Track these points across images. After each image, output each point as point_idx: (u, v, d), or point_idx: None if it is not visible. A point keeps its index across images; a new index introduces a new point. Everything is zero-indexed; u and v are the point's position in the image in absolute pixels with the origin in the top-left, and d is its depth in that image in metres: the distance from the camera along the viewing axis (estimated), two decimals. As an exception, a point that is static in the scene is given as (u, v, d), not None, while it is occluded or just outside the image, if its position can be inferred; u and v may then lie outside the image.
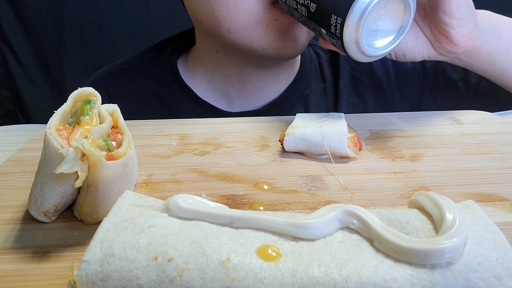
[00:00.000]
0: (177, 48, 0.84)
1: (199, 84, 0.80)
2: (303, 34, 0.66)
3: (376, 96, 0.82)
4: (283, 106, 0.78)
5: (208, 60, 0.77)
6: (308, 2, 0.52)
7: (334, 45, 0.52)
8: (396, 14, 0.50)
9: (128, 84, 0.82)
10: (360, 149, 0.51)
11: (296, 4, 0.54)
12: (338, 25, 0.48)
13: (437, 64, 0.81)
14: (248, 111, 0.78)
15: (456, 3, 0.52)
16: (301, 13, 0.54)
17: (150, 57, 0.84)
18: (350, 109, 0.81)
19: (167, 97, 0.80)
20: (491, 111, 0.66)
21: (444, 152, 0.51)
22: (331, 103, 0.81)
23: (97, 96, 0.41)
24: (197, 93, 0.79)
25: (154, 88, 0.81)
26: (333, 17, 0.49)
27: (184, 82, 0.80)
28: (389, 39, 0.52)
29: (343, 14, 0.47)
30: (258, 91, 0.78)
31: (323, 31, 0.52)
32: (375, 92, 0.82)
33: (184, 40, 0.84)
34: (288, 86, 0.80)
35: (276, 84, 0.78)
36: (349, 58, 0.54)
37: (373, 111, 0.77)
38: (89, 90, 0.41)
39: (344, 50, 0.50)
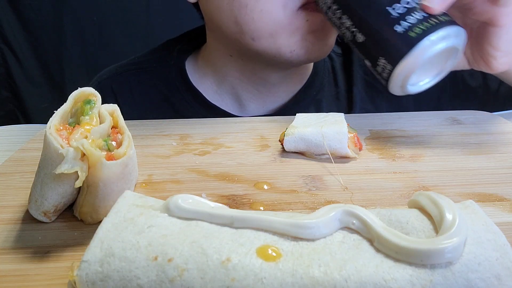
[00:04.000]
0: (186, 48, 0.82)
1: (209, 87, 0.78)
2: (333, 36, 0.65)
3: (390, 103, 0.80)
4: (295, 110, 0.74)
5: (220, 63, 0.76)
6: (355, 30, 0.49)
7: (375, 74, 0.51)
8: (444, 57, 0.48)
9: (136, 86, 0.81)
10: (360, 149, 0.51)
11: (340, 25, 0.51)
12: (386, 70, 0.47)
13: (455, 73, 0.80)
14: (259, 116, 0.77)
15: (505, 38, 0.50)
16: (342, 31, 0.51)
17: (158, 57, 0.82)
18: None
19: (176, 101, 0.78)
20: (491, 111, 0.66)
21: (444, 152, 0.51)
22: (344, 109, 0.79)
23: (97, 96, 0.41)
24: (206, 97, 0.77)
25: (162, 90, 0.79)
26: (382, 60, 0.47)
27: (193, 85, 0.78)
28: (433, 76, 0.50)
29: (394, 63, 0.46)
30: (271, 94, 0.76)
31: (367, 62, 0.50)
32: (389, 99, 0.80)
33: (192, 40, 0.83)
34: (300, 90, 0.78)
35: (288, 87, 0.77)
36: (363, 64, 0.53)
37: None
38: (89, 90, 0.41)
39: (386, 86, 0.49)
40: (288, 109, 0.77)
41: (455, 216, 0.28)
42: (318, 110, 0.78)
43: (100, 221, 0.30)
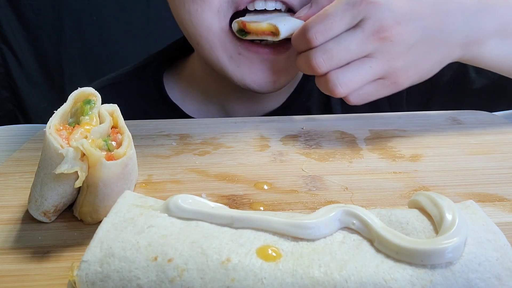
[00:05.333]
0: (165, 59, 0.81)
1: (194, 98, 0.77)
2: (281, 74, 0.64)
3: (390, 107, 0.79)
4: None
5: (203, 72, 0.75)
6: None
7: None
8: None
9: (114, 101, 0.79)
10: None
11: None
12: None
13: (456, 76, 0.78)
14: None
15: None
16: None
17: (137, 70, 0.81)
18: None
19: (154, 114, 0.75)
20: (491, 111, 0.66)
21: (444, 152, 0.51)
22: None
23: (97, 96, 0.41)
24: (185, 109, 0.76)
25: (140, 104, 0.78)
26: None
27: (169, 98, 0.76)
28: None
29: None
30: (258, 103, 0.75)
31: None
32: (391, 105, 0.79)
33: (178, 49, 0.81)
34: (289, 97, 0.76)
35: (274, 94, 0.74)
36: None
37: None
38: (89, 90, 0.41)
39: None
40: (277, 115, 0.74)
41: (455, 216, 0.28)
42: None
43: (100, 221, 0.30)
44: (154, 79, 0.78)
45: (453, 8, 0.52)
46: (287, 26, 0.57)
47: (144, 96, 0.78)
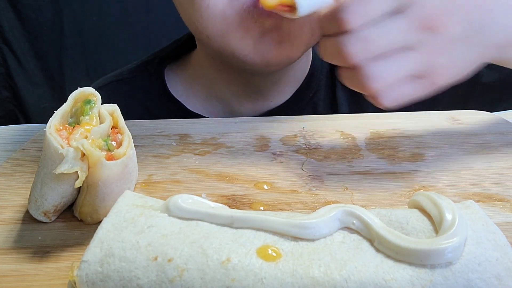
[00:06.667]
0: (168, 56, 0.80)
1: (198, 94, 0.76)
2: (298, 41, 0.60)
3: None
4: (289, 113, 0.71)
5: (206, 68, 0.74)
6: None
7: None
8: None
9: (117, 98, 0.77)
10: None
11: None
12: None
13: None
14: None
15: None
16: None
17: (139, 67, 0.80)
18: None
19: (157, 111, 0.75)
20: (491, 111, 0.66)
21: (444, 152, 0.51)
22: (343, 113, 0.75)
23: (97, 96, 0.41)
24: (189, 105, 0.74)
25: (142, 100, 0.77)
26: None
27: (172, 95, 0.75)
28: None
29: None
30: (263, 98, 0.73)
31: None
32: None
33: (181, 46, 0.81)
34: (295, 92, 0.74)
35: (280, 89, 0.73)
36: None
37: None
38: (89, 90, 0.41)
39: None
40: (283, 112, 0.72)
41: (455, 216, 0.28)
42: (314, 113, 0.74)
43: (100, 221, 0.30)
44: (157, 76, 0.77)
45: (498, 6, 0.46)
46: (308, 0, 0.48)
47: (147, 93, 0.77)
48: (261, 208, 0.41)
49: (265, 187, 0.44)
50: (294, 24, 0.58)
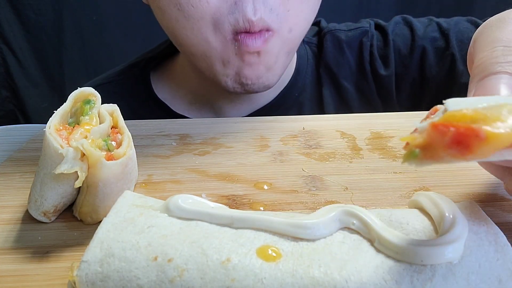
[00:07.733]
0: (154, 57, 0.80)
1: (184, 95, 0.76)
2: (273, 70, 0.62)
3: (384, 105, 0.77)
4: (275, 113, 0.70)
5: (191, 70, 0.74)
6: None
7: None
8: None
9: (105, 100, 0.78)
10: None
11: None
12: None
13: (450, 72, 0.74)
14: None
15: None
16: None
17: (125, 69, 0.80)
18: None
19: (144, 113, 0.75)
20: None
21: (444, 152, 0.51)
22: (329, 112, 0.75)
23: (97, 96, 0.41)
24: (174, 107, 0.75)
25: (129, 102, 0.76)
26: None
27: (157, 96, 0.76)
28: None
29: None
30: (247, 98, 0.73)
31: None
32: (381, 100, 0.76)
33: (163, 50, 0.81)
34: (281, 92, 0.75)
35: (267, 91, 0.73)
36: (349, 61, 0.50)
37: None
38: (89, 90, 0.41)
39: None
40: (269, 112, 0.72)
41: (455, 216, 0.28)
42: (300, 112, 0.75)
43: (100, 221, 0.30)
44: (142, 78, 0.78)
45: None
46: None
47: (132, 96, 0.77)
48: (261, 208, 0.41)
49: (265, 187, 0.44)
50: (271, 56, 0.61)
